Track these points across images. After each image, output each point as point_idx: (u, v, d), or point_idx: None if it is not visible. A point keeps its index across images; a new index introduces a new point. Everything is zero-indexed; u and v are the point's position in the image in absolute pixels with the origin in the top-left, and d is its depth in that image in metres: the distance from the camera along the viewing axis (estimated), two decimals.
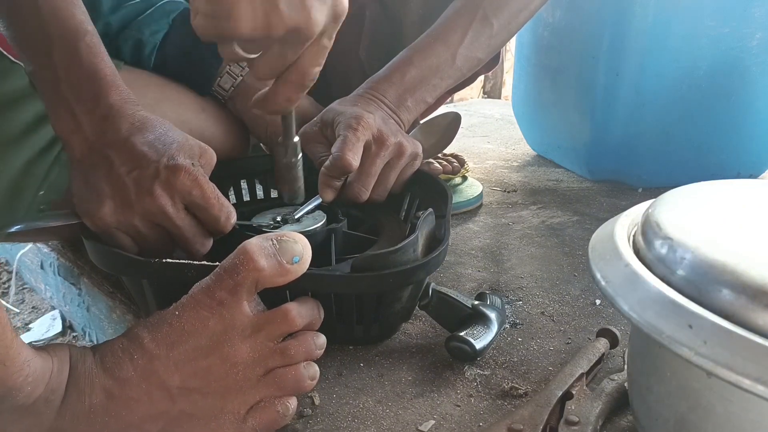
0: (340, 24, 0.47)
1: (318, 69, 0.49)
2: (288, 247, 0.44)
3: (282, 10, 0.42)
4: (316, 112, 0.76)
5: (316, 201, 0.65)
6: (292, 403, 0.45)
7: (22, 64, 0.56)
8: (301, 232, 0.48)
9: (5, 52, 0.59)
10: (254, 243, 0.43)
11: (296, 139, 0.59)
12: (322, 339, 0.47)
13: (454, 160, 1.02)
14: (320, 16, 0.44)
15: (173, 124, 0.57)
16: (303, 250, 0.44)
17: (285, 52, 0.46)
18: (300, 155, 0.60)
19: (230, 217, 0.55)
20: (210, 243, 0.56)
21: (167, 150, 0.53)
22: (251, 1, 0.41)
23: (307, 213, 0.64)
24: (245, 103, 0.76)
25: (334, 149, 0.63)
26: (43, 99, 0.55)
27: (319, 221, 0.62)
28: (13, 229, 0.54)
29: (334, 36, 0.48)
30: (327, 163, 0.63)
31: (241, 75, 0.75)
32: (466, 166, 1.03)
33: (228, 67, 0.74)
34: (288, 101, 0.51)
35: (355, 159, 0.62)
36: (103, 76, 0.54)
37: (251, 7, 0.41)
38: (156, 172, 0.51)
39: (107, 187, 0.52)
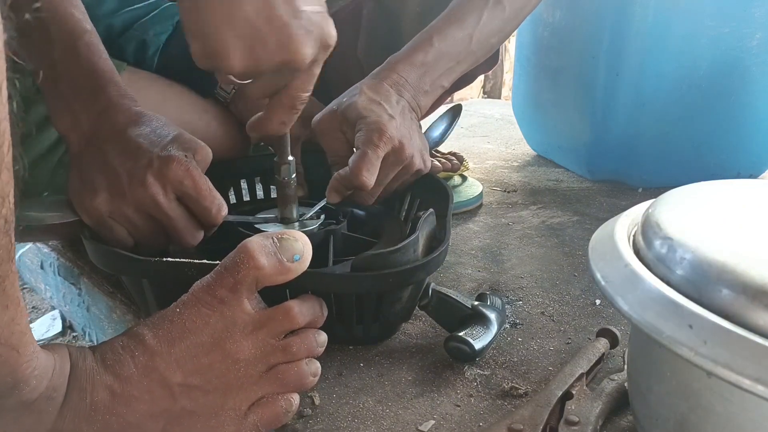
0: (330, 52, 0.48)
1: (307, 94, 0.50)
2: (288, 245, 0.44)
3: (271, 47, 0.43)
4: (317, 110, 0.76)
5: (322, 203, 0.65)
6: (295, 399, 0.45)
7: (24, 64, 0.57)
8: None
9: (9, 54, 0.59)
10: (255, 241, 0.43)
11: (291, 158, 0.59)
12: (323, 336, 0.47)
13: (453, 158, 1.02)
14: (309, 49, 0.45)
15: (176, 125, 0.57)
16: (303, 248, 0.45)
17: (276, 80, 0.49)
18: (294, 175, 0.60)
19: (221, 209, 0.55)
20: (201, 235, 0.57)
21: (161, 142, 0.54)
22: (241, 41, 0.43)
23: (312, 216, 0.64)
24: (246, 106, 0.76)
25: (352, 163, 0.62)
26: (45, 97, 0.55)
27: (319, 221, 0.62)
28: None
29: (322, 62, 0.49)
30: (342, 172, 0.63)
31: None
32: (465, 163, 1.03)
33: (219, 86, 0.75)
34: (282, 124, 0.52)
35: (371, 180, 0.62)
36: (101, 72, 0.55)
37: (241, 46, 0.43)
38: (149, 162, 0.52)
39: (101, 178, 0.53)
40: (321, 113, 0.68)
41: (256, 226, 0.62)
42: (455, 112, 0.87)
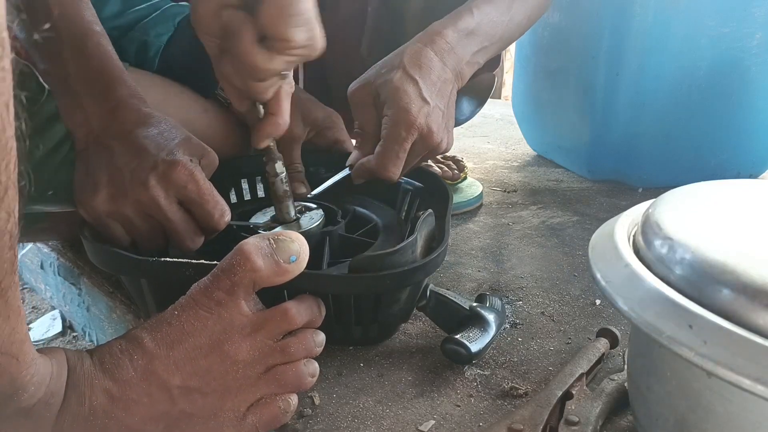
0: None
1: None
2: (285, 246, 0.44)
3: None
4: (317, 110, 0.76)
5: (342, 174, 0.66)
6: (293, 399, 0.45)
7: (28, 64, 0.58)
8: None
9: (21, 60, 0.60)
10: (251, 243, 0.43)
11: (278, 154, 0.59)
12: (321, 336, 0.47)
13: (453, 165, 1.01)
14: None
15: (183, 128, 0.57)
16: (300, 249, 0.44)
17: None
18: (284, 173, 0.60)
19: (224, 214, 0.55)
20: (201, 240, 0.57)
21: (168, 145, 0.54)
22: None
23: (329, 187, 0.65)
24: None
25: (377, 156, 0.63)
26: (55, 95, 0.57)
27: (315, 221, 0.62)
28: None
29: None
30: (368, 163, 0.64)
31: None
32: (465, 170, 1.03)
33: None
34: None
35: (397, 173, 0.63)
36: (111, 72, 0.56)
37: None
38: (154, 164, 0.52)
39: (104, 176, 0.53)
40: (358, 82, 0.68)
41: (260, 231, 0.62)
42: (486, 83, 0.85)
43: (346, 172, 0.66)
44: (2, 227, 0.31)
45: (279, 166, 0.59)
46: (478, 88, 0.84)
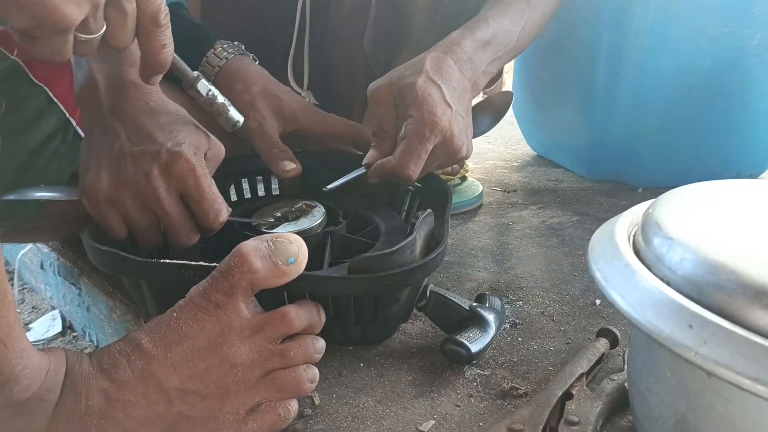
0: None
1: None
2: (283, 248, 0.44)
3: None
4: (290, 101, 0.74)
5: (357, 173, 0.66)
6: (293, 405, 0.45)
7: (18, 60, 0.58)
8: (298, 233, 0.48)
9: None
10: (249, 245, 0.43)
11: (195, 73, 0.59)
12: (321, 343, 0.47)
13: None
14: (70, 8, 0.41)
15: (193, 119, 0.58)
16: (298, 250, 0.44)
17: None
18: (211, 89, 0.59)
19: (219, 214, 0.55)
20: (197, 238, 0.56)
21: (175, 135, 0.54)
22: None
23: (342, 184, 0.65)
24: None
25: (399, 155, 0.63)
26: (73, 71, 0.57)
27: (317, 219, 0.62)
28: (7, 197, 0.54)
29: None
30: (387, 164, 0.64)
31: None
32: (465, 166, 1.03)
33: (200, 70, 0.73)
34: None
35: (417, 173, 0.63)
36: (126, 56, 0.56)
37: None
38: (157, 154, 0.52)
39: (108, 161, 0.53)
40: (380, 81, 0.68)
41: (262, 229, 0.62)
42: (505, 100, 0.86)
43: (361, 170, 0.66)
44: None
45: (202, 85, 0.58)
46: (496, 104, 0.85)
